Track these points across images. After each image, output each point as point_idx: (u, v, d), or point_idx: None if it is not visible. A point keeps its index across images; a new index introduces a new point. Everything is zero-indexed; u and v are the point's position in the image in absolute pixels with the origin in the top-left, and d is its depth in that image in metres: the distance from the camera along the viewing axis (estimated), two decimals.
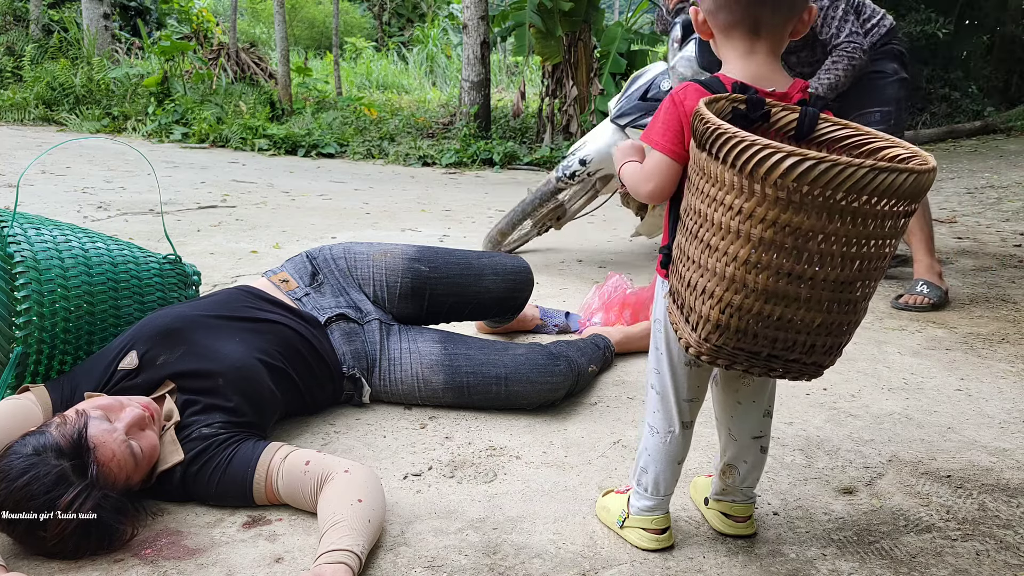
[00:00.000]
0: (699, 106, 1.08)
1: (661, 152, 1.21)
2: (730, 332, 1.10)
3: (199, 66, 9.91)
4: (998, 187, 5.81)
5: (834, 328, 1.11)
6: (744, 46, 1.20)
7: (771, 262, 1.04)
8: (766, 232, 1.03)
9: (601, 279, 3.09)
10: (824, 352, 1.13)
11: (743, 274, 1.06)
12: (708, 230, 1.09)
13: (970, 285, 3.24)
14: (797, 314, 1.07)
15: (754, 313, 1.07)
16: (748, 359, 1.14)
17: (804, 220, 1.01)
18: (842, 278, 1.06)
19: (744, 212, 1.03)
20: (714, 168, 1.06)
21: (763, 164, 1.00)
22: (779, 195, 1.00)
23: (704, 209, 1.09)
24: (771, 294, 1.06)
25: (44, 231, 1.74)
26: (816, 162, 0.98)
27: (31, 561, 1.31)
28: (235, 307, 1.79)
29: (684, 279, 1.15)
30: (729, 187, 1.04)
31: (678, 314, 1.19)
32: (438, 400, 1.93)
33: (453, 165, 7.92)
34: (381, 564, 1.31)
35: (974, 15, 9.65)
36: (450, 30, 16.61)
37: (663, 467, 1.34)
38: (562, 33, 8.44)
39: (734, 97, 1.14)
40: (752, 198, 1.02)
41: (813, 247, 1.03)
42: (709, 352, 1.14)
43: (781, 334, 1.09)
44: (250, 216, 4.53)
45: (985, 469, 1.69)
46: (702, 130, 1.06)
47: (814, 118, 1.15)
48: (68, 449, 1.31)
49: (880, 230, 1.05)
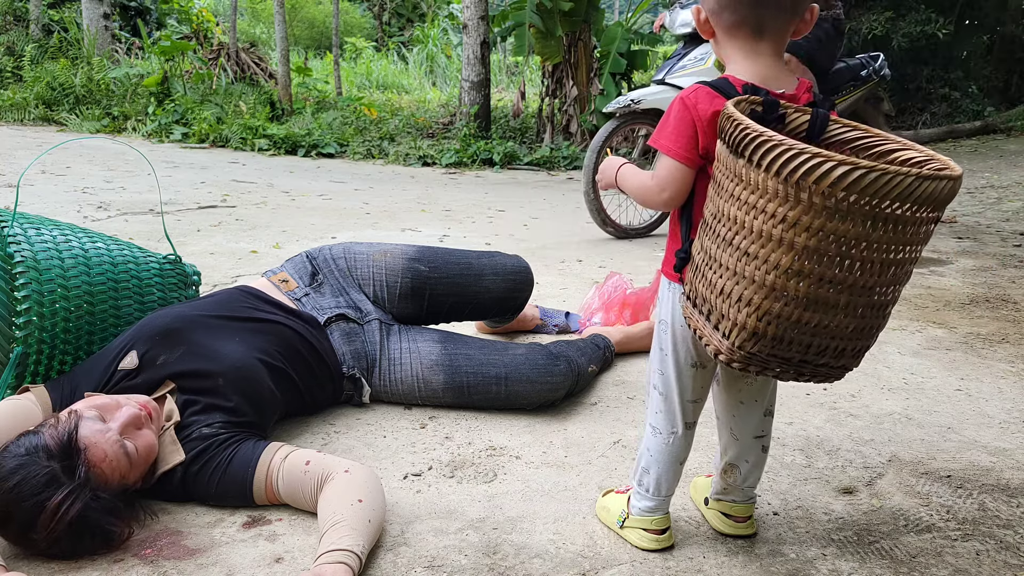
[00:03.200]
0: (730, 109, 1.07)
1: (674, 159, 1.20)
2: (766, 340, 1.09)
3: (199, 66, 9.90)
4: (998, 187, 5.81)
5: (864, 332, 1.11)
6: (748, 46, 1.19)
7: (814, 270, 1.03)
8: (811, 240, 1.02)
9: (601, 279, 3.09)
10: (853, 355, 1.14)
11: (784, 282, 1.05)
12: (746, 237, 1.07)
13: (970, 285, 3.24)
14: (834, 320, 1.07)
15: (793, 320, 1.07)
16: (780, 365, 1.13)
17: (850, 228, 1.01)
18: (878, 283, 1.06)
19: (789, 220, 1.02)
20: (753, 175, 1.04)
21: (812, 173, 0.98)
22: (827, 203, 0.99)
23: (740, 216, 1.07)
24: (811, 301, 1.05)
25: (44, 231, 1.74)
26: (866, 171, 0.97)
27: (31, 561, 1.31)
28: (235, 307, 1.79)
29: (715, 286, 1.13)
30: (773, 194, 1.03)
31: (702, 320, 1.17)
32: (438, 400, 1.93)
33: (453, 165, 7.92)
34: (381, 564, 1.32)
35: (974, 15, 9.65)
36: (450, 30, 16.62)
37: (665, 468, 1.34)
38: (562, 33, 8.44)
39: (752, 99, 1.13)
40: (798, 206, 1.01)
41: (856, 254, 1.03)
42: (742, 359, 1.13)
43: (816, 340, 1.09)
44: (250, 216, 4.53)
45: (985, 469, 1.69)
46: (738, 135, 1.04)
47: (825, 119, 1.15)
48: (58, 450, 1.31)
49: (916, 236, 1.06)
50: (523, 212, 5.22)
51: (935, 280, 3.33)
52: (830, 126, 1.16)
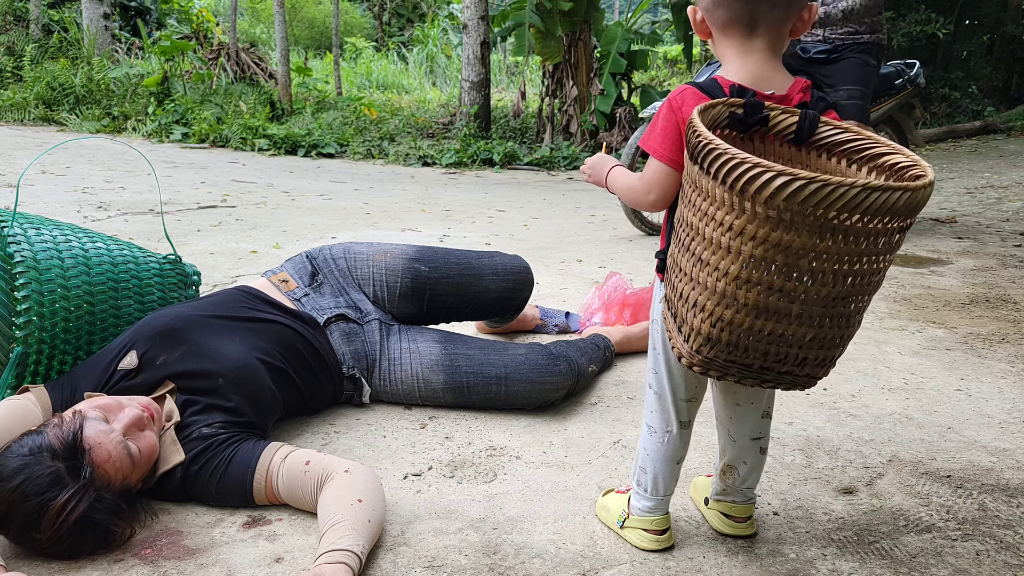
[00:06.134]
0: (692, 116, 1.07)
1: (660, 161, 1.20)
2: (721, 345, 1.09)
3: (199, 66, 9.91)
4: (998, 187, 5.81)
5: (827, 342, 1.10)
6: (741, 44, 1.19)
7: (761, 279, 1.03)
8: (756, 249, 1.01)
9: (601, 279, 3.09)
10: (817, 365, 1.13)
11: (734, 289, 1.05)
12: (700, 244, 1.08)
13: (970, 285, 3.24)
14: (788, 329, 1.06)
15: (745, 328, 1.07)
16: (740, 371, 1.13)
17: (795, 239, 1.00)
18: (834, 294, 1.05)
19: (735, 229, 1.02)
20: (705, 182, 1.04)
21: (753, 182, 0.98)
22: (769, 213, 0.99)
23: (696, 223, 1.08)
24: (761, 310, 1.05)
25: (44, 231, 1.74)
26: (807, 181, 0.95)
27: (31, 561, 1.31)
28: (235, 307, 1.79)
29: (677, 290, 1.15)
30: (720, 203, 1.03)
31: (672, 323, 1.19)
32: (438, 400, 1.93)
33: (453, 165, 7.92)
34: (381, 564, 1.31)
35: (974, 15, 9.65)
36: (450, 30, 16.62)
37: (662, 467, 1.34)
38: (562, 33, 8.45)
39: (732, 102, 1.13)
40: (743, 215, 1.01)
41: (804, 265, 1.02)
42: (700, 364, 1.14)
43: (772, 347, 1.08)
44: (250, 216, 4.53)
45: (985, 469, 1.69)
46: (694, 143, 1.05)
47: (814, 121, 1.14)
48: (62, 450, 1.31)
49: (873, 247, 1.03)
50: (523, 212, 5.23)
51: (935, 280, 3.33)
52: (820, 128, 1.15)
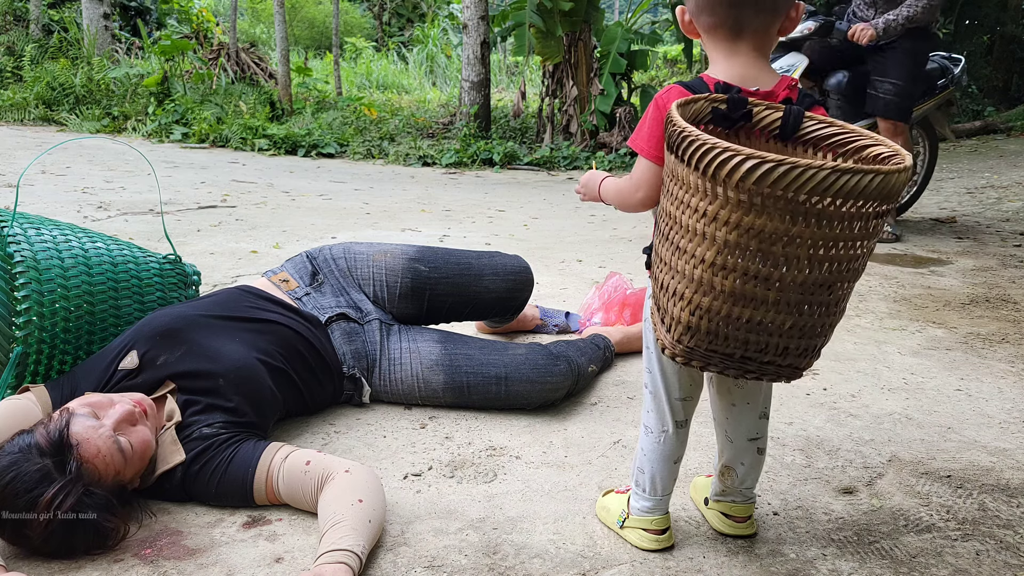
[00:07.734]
0: (671, 109, 1.08)
1: (647, 158, 1.22)
2: (701, 334, 1.10)
3: (199, 66, 9.90)
4: (998, 187, 5.81)
5: (807, 330, 1.10)
6: (726, 47, 1.21)
7: (736, 265, 1.04)
8: (730, 235, 1.02)
9: (601, 279, 3.09)
10: (799, 354, 1.13)
11: (710, 276, 1.06)
12: (678, 232, 1.09)
13: (970, 285, 3.24)
14: (767, 316, 1.07)
15: (723, 315, 1.07)
16: (722, 361, 1.13)
17: (767, 223, 1.00)
18: (811, 280, 1.05)
19: (708, 215, 1.03)
20: (681, 171, 1.06)
21: (724, 167, 0.99)
22: (740, 198, 1.00)
23: (674, 212, 1.09)
24: (738, 296, 1.05)
25: (44, 231, 1.74)
26: (775, 164, 0.96)
27: (31, 561, 1.31)
28: (235, 307, 1.79)
29: (659, 281, 1.16)
30: (695, 190, 1.04)
31: (657, 315, 1.20)
32: (438, 400, 1.93)
33: (453, 165, 7.92)
34: (381, 564, 1.32)
35: (974, 15, 9.65)
36: (450, 30, 16.61)
37: (659, 467, 1.34)
38: (562, 33, 8.44)
39: (714, 97, 1.14)
40: (715, 201, 1.02)
41: (778, 250, 1.02)
42: (683, 353, 1.15)
43: (752, 336, 1.09)
44: (250, 216, 4.53)
45: (985, 469, 1.69)
46: (670, 132, 1.07)
47: (799, 116, 1.15)
48: (49, 448, 1.31)
49: (849, 232, 1.03)
50: (523, 212, 5.23)
51: (935, 280, 3.33)
52: (806, 123, 1.16)
